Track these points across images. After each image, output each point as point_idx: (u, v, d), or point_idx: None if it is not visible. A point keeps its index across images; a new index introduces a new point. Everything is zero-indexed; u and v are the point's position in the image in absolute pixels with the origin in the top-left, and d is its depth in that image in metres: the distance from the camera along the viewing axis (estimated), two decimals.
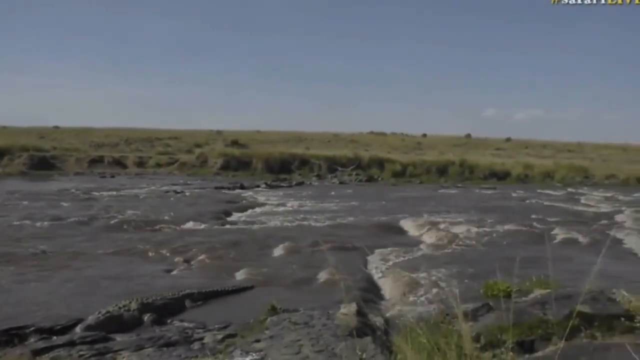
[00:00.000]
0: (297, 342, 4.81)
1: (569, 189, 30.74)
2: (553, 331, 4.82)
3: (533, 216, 17.44)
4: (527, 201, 23.59)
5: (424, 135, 57.98)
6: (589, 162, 42.06)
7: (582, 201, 23.84)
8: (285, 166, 37.15)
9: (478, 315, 5.77)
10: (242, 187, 26.91)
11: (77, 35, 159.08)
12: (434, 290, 8.11)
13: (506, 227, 14.82)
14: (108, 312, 6.21)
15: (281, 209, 18.93)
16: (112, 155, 39.05)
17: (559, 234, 13.96)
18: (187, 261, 10.04)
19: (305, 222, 15.42)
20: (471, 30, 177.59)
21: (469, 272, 9.30)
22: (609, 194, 27.48)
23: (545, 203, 22.80)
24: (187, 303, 7.18)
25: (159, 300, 6.83)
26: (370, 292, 8.14)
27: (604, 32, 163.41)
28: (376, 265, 10.25)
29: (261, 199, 22.13)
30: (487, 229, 14.31)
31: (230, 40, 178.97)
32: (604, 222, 16.62)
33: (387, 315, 6.84)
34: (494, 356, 4.38)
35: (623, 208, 20.70)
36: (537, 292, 6.16)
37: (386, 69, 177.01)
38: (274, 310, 6.20)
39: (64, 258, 9.99)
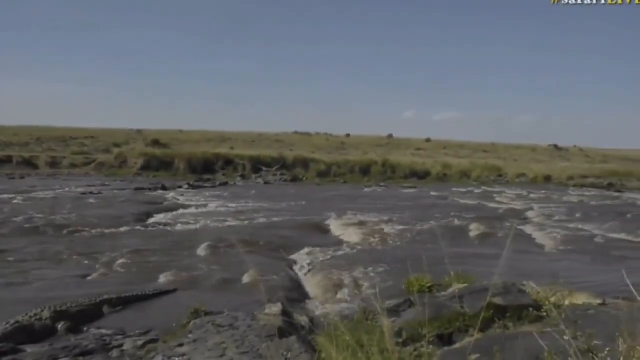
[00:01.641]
0: (221, 344, 4.73)
1: (485, 188, 32.30)
2: (470, 323, 5.04)
3: (452, 214, 18.16)
4: (447, 200, 24.53)
5: (348, 135, 58.86)
6: (502, 161, 44.47)
7: (497, 199, 25.12)
8: (209, 166, 36.54)
9: (400, 311, 5.93)
10: (164, 188, 26.15)
11: None
12: (358, 288, 8.26)
13: (427, 224, 15.35)
14: (17, 322, 5.82)
15: (205, 210, 18.60)
16: (21, 155, 36.78)
17: (477, 230, 14.63)
18: (105, 266, 9.62)
19: (229, 223, 15.23)
20: (392, 30, 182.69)
21: (391, 269, 9.54)
22: (520, 192, 29.14)
23: (463, 201, 23.82)
24: (106, 309, 6.88)
25: (74, 308, 6.49)
26: (295, 292, 8.17)
27: (523, 35, 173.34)
28: (301, 264, 10.30)
29: (184, 200, 21.63)
30: (409, 227, 14.74)
31: (151, 38, 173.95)
32: (516, 218, 17.61)
33: (312, 314, 6.88)
34: (415, 350, 4.51)
35: (532, 205, 22.06)
36: (456, 287, 6.41)
37: (311, 70, 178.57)
38: (197, 313, 6.06)
39: None
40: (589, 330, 2.33)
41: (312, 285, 8.78)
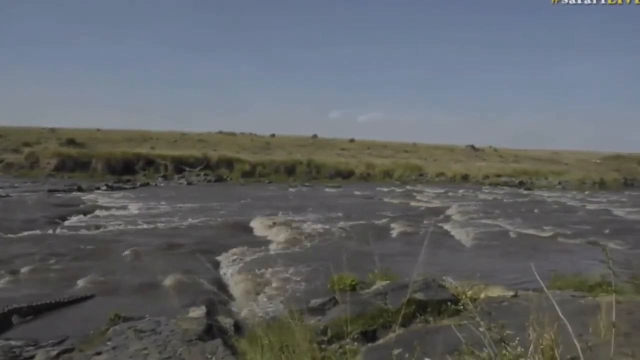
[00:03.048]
0: (142, 350, 4.59)
1: (407, 187, 33.29)
2: (392, 319, 5.16)
3: (376, 212, 18.57)
4: (371, 199, 25.05)
5: (273, 135, 58.69)
6: (422, 161, 45.98)
7: (418, 198, 25.95)
8: (129, 167, 35.21)
9: (325, 309, 6.00)
10: (79, 190, 24.95)
11: None
12: (284, 288, 8.26)
13: (351, 223, 15.59)
14: None
15: (124, 212, 17.91)
16: None
17: (399, 228, 15.04)
18: (14, 272, 9.03)
19: (150, 225, 14.76)
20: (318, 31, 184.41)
21: (317, 268, 9.61)
22: (440, 191, 30.29)
23: (386, 200, 24.42)
24: (15, 319, 6.48)
25: None
26: (220, 294, 8.01)
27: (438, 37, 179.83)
28: (226, 266, 10.17)
29: (102, 201, 20.72)
30: (334, 226, 14.92)
31: (73, 32, 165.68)
32: (436, 216, 18.28)
33: (237, 316, 6.81)
34: (340, 347, 4.57)
35: (451, 203, 22.98)
36: (379, 284, 6.56)
37: (237, 69, 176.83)
38: (117, 319, 5.83)
39: None
40: (501, 321, 2.45)
41: (237, 286, 8.68)
